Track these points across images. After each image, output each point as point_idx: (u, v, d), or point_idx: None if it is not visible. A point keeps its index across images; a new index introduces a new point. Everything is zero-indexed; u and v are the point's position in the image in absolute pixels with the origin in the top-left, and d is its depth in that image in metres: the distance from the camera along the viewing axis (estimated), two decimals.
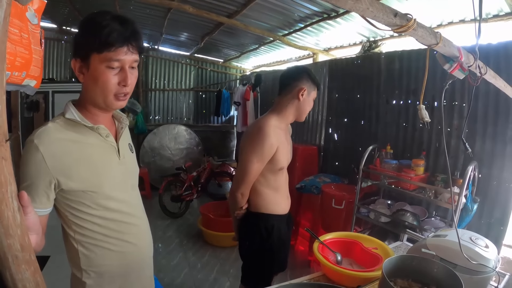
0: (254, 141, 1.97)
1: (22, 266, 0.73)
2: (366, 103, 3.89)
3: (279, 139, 1.99)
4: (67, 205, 1.17)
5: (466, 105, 2.80)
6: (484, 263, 1.35)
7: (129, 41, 1.12)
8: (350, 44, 4.55)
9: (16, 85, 1.07)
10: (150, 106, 7.33)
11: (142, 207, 1.45)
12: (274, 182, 2.10)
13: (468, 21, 3.02)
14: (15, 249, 0.71)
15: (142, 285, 1.44)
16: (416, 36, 1.16)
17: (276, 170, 2.05)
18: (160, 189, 5.45)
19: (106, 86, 1.13)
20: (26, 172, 1.07)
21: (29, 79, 1.11)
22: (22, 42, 1.00)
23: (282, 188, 2.17)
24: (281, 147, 1.99)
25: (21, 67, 1.02)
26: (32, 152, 1.07)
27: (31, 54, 1.08)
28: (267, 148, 1.94)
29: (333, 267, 1.53)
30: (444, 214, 3.02)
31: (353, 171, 3.53)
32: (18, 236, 0.71)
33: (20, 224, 0.71)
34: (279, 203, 2.16)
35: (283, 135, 2.06)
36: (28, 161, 1.07)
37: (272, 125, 1.99)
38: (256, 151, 1.95)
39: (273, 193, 2.12)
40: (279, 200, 2.15)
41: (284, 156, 2.05)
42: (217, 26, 4.91)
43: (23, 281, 0.74)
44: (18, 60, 0.99)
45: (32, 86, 1.16)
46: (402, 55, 3.44)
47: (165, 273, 3.66)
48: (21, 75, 1.04)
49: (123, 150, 1.33)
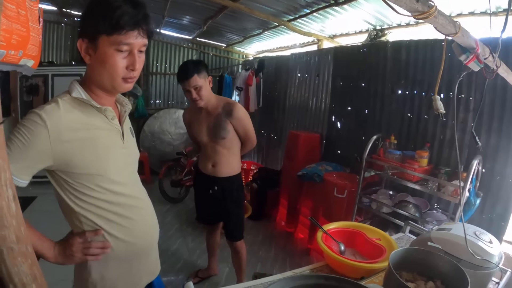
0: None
1: (18, 259, 0.70)
2: (371, 92, 3.85)
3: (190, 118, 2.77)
4: (70, 187, 1.15)
5: (479, 98, 2.74)
6: (488, 259, 1.34)
7: (140, 25, 1.10)
8: (356, 32, 4.47)
9: (13, 65, 1.03)
10: (151, 90, 7.26)
11: (145, 190, 1.44)
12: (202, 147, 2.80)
13: (478, 13, 2.97)
14: (10, 240, 0.67)
15: (149, 269, 1.44)
16: (436, 24, 1.13)
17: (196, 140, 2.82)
18: (160, 173, 5.44)
19: (114, 70, 1.11)
20: (24, 142, 1.03)
21: (26, 59, 1.07)
22: (19, 19, 0.96)
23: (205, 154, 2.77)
24: (192, 123, 2.75)
25: (18, 45, 0.97)
26: (38, 126, 1.04)
27: (29, 32, 1.03)
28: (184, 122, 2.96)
29: (338, 257, 1.52)
30: (446, 207, 3.01)
31: (356, 160, 3.51)
32: (14, 227, 0.67)
33: (15, 214, 0.68)
34: (202, 162, 2.83)
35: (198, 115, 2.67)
36: (29, 132, 1.03)
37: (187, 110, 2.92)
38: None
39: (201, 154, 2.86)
40: (202, 159, 2.83)
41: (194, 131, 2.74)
42: (221, 10, 4.82)
43: (19, 275, 0.71)
44: (14, 38, 0.94)
45: (29, 67, 1.12)
46: (409, 45, 3.38)
47: (165, 258, 3.65)
48: (18, 54, 0.99)
49: (126, 134, 1.32)
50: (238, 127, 2.62)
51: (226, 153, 2.69)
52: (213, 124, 2.59)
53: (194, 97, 2.46)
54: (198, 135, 2.69)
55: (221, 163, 2.70)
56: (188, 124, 2.81)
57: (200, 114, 2.64)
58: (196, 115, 2.67)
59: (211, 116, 2.60)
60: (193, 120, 2.72)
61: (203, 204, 3.00)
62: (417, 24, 3.57)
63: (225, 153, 2.68)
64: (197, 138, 2.72)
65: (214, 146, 2.66)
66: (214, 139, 2.63)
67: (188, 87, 2.45)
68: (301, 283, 1.07)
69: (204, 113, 2.62)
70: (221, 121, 2.57)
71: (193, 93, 2.46)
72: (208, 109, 2.60)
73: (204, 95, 2.48)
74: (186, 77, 2.42)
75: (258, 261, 3.73)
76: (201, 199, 2.98)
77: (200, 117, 2.64)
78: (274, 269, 3.58)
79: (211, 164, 2.73)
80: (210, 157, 2.72)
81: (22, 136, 1.02)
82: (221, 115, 2.57)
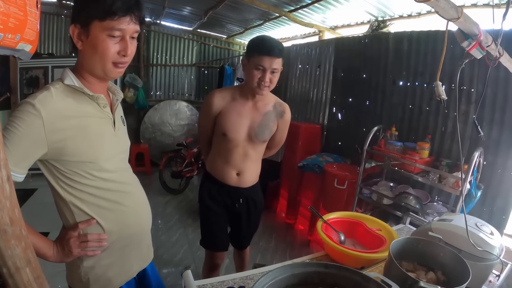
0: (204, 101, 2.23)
1: (11, 242, 0.69)
2: (372, 84, 3.83)
3: (224, 105, 2.11)
4: (61, 174, 1.15)
5: (481, 90, 2.73)
6: (489, 250, 1.33)
7: (132, 11, 1.10)
8: (358, 23, 4.45)
9: (10, 49, 1.01)
10: (151, 81, 7.21)
11: (136, 178, 1.44)
12: (220, 147, 2.19)
13: (481, 5, 2.94)
14: (4, 222, 0.66)
15: (140, 256, 1.44)
16: (437, 8, 1.11)
17: (220, 134, 2.13)
18: (161, 165, 5.43)
19: (105, 55, 1.11)
20: (18, 134, 1.02)
21: (24, 43, 1.05)
22: (17, 3, 0.94)
23: (229, 158, 2.17)
24: (227, 113, 2.10)
25: (15, 29, 0.96)
26: (32, 116, 1.03)
27: (26, 16, 1.01)
28: (206, 107, 2.14)
29: (337, 247, 1.52)
30: (447, 199, 3.00)
31: (357, 151, 3.50)
32: (7, 209, 0.67)
33: (9, 195, 0.67)
34: (219, 169, 2.22)
35: (239, 106, 2.12)
36: (24, 122, 1.02)
37: (224, 91, 2.19)
38: (201, 109, 2.26)
39: (217, 158, 2.22)
40: (220, 166, 2.22)
41: (229, 123, 2.09)
42: (221, 0, 4.77)
43: (13, 258, 0.70)
44: (11, 21, 0.93)
45: (27, 51, 1.10)
46: (411, 36, 3.36)
47: (165, 249, 3.67)
48: (15, 38, 0.98)
49: (118, 122, 1.32)
50: (280, 131, 2.27)
51: (256, 158, 2.26)
52: (260, 122, 2.13)
53: (266, 80, 1.96)
54: (232, 130, 2.10)
55: (248, 170, 2.24)
56: (214, 111, 2.12)
57: (243, 106, 2.11)
58: (236, 106, 2.11)
59: (259, 113, 2.14)
60: (229, 110, 2.11)
61: (220, 225, 2.35)
62: (419, 15, 3.54)
63: (255, 158, 2.25)
64: (229, 134, 2.10)
65: (248, 148, 2.17)
66: (253, 140, 2.15)
67: (267, 65, 1.93)
68: (301, 271, 1.06)
69: (251, 106, 2.13)
70: (269, 121, 2.17)
71: (267, 76, 1.96)
72: (256, 103, 2.14)
73: (274, 83, 2.04)
74: (274, 53, 1.93)
75: (258, 252, 3.74)
76: (218, 219, 2.33)
77: (244, 110, 2.11)
78: (274, 260, 3.58)
79: (235, 171, 2.21)
80: (235, 163, 2.19)
81: (16, 128, 1.02)
82: (271, 114, 2.18)
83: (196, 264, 3.45)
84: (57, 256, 1.19)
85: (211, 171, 2.28)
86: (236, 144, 2.13)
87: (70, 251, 1.19)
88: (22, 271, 0.73)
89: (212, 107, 2.10)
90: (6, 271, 0.70)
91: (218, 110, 2.11)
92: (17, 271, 0.72)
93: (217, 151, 2.23)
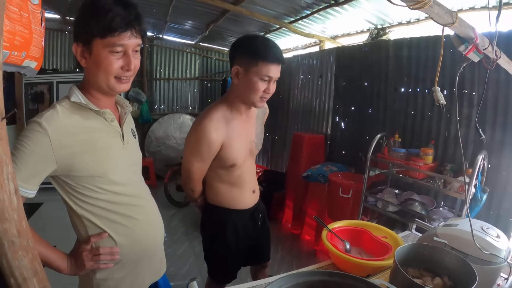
0: (191, 139, 1.76)
1: (19, 253, 0.70)
2: (374, 91, 3.83)
3: (225, 134, 1.73)
4: (72, 189, 1.17)
5: (480, 90, 2.73)
6: (496, 253, 1.32)
7: (132, 26, 1.12)
8: (358, 31, 4.47)
9: (16, 66, 1.04)
10: (155, 95, 7.27)
11: (148, 190, 1.45)
12: (229, 177, 1.88)
13: (478, 8, 2.95)
14: (12, 234, 0.68)
15: (153, 269, 1.45)
16: (432, 14, 1.12)
17: (227, 166, 1.82)
18: (166, 178, 5.44)
19: (109, 71, 1.12)
20: (27, 152, 1.04)
21: (29, 60, 1.08)
22: (22, 21, 0.97)
23: (242, 182, 1.92)
24: (230, 142, 1.75)
25: (21, 46, 0.99)
26: (39, 134, 1.05)
27: (31, 34, 1.04)
28: (205, 147, 1.70)
29: (343, 255, 1.51)
30: (452, 204, 2.99)
31: (361, 160, 3.49)
32: (15, 221, 0.68)
33: (16, 207, 0.68)
34: (237, 198, 1.94)
35: (237, 126, 1.79)
36: (31, 140, 1.05)
37: (215, 118, 1.72)
38: (193, 150, 1.75)
39: (229, 188, 1.91)
40: (236, 194, 1.93)
41: (236, 152, 1.79)
42: (222, 14, 4.84)
43: (20, 269, 0.71)
44: (17, 39, 0.96)
45: (32, 68, 1.13)
46: (411, 43, 3.37)
47: (171, 262, 3.65)
48: (21, 55, 1.01)
49: (127, 135, 1.33)
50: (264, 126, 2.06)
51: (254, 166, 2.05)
52: (256, 132, 1.96)
53: (272, 91, 1.71)
54: (241, 156, 1.83)
55: (256, 182, 2.06)
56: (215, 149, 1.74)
57: (239, 125, 1.82)
58: (234, 129, 1.78)
59: (252, 123, 1.93)
60: (231, 138, 1.76)
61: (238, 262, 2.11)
62: (418, 21, 3.56)
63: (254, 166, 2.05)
64: (239, 162, 1.83)
65: (251, 162, 1.98)
66: (253, 153, 1.96)
67: (273, 74, 1.67)
68: (305, 280, 1.06)
69: (245, 120, 1.87)
70: (261, 125, 2.01)
71: (272, 86, 1.71)
72: (248, 113, 1.88)
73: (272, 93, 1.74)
74: (281, 60, 1.70)
75: None
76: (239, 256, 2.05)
77: (241, 128, 1.83)
78: (280, 271, 3.55)
79: (251, 190, 2.00)
80: (249, 182, 1.98)
81: (24, 146, 1.04)
82: (259, 116, 1.99)
83: (202, 276, 3.43)
84: (70, 269, 1.21)
85: (228, 203, 1.94)
86: (243, 166, 1.89)
87: (83, 264, 1.20)
88: (29, 281, 0.74)
89: (213, 146, 1.72)
90: (13, 281, 0.71)
91: (220, 145, 1.74)
92: (24, 282, 0.73)
93: (225, 183, 1.91)
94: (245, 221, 2.01)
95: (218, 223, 1.96)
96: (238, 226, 1.97)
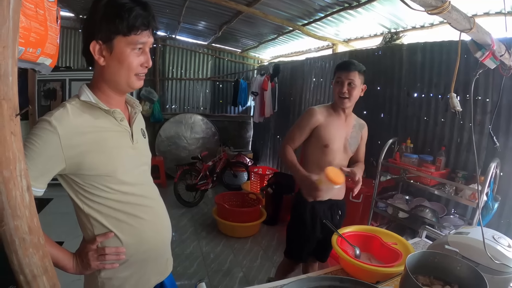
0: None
1: (29, 250, 0.71)
2: (387, 96, 3.82)
3: (323, 120, 2.26)
4: (80, 188, 1.18)
5: (496, 100, 2.69)
6: (506, 263, 1.31)
7: (151, 25, 1.18)
8: (371, 35, 4.45)
9: (31, 62, 1.05)
10: (167, 95, 7.34)
11: (157, 190, 1.45)
12: (318, 160, 2.30)
13: (493, 14, 2.92)
14: (23, 231, 0.68)
15: (159, 269, 1.45)
16: (450, 19, 1.12)
17: (320, 146, 2.28)
18: (175, 177, 5.48)
19: (131, 68, 1.17)
20: (36, 150, 1.06)
21: (44, 57, 1.10)
22: (38, 18, 0.99)
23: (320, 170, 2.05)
24: (327, 127, 2.26)
25: (36, 43, 1.00)
26: (49, 133, 1.07)
27: (47, 31, 1.05)
28: (305, 120, 2.29)
29: (352, 261, 1.51)
30: (463, 212, 2.95)
31: (372, 164, 3.47)
32: (26, 218, 0.68)
33: (28, 204, 0.69)
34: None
35: (335, 120, 2.30)
36: (41, 139, 1.06)
37: (318, 109, 2.30)
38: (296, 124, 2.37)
39: (316, 171, 2.13)
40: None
41: (330, 135, 2.26)
42: (236, 15, 4.86)
43: (30, 266, 0.72)
44: (32, 36, 0.97)
45: (47, 65, 1.14)
46: (425, 47, 3.35)
47: (178, 261, 3.68)
48: (36, 52, 1.02)
49: (136, 135, 1.34)
50: (363, 141, 2.49)
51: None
52: (351, 134, 2.37)
53: (344, 91, 2.20)
54: (333, 141, 2.28)
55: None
56: (313, 124, 2.28)
57: (338, 121, 2.33)
58: (333, 120, 2.30)
59: (349, 126, 2.37)
60: (328, 124, 2.28)
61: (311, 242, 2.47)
62: (431, 26, 3.53)
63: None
64: (331, 144, 2.27)
65: (343, 160, 2.36)
66: (347, 151, 2.36)
67: (344, 78, 2.22)
68: (315, 285, 1.06)
69: (343, 120, 2.34)
70: (357, 133, 2.40)
71: (345, 87, 2.21)
72: (346, 118, 2.35)
73: (354, 96, 2.24)
74: (348, 68, 2.25)
75: (273, 265, 3.71)
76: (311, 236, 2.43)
77: (339, 123, 2.33)
78: None
79: None
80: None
81: (33, 144, 1.05)
82: (356, 126, 2.41)
83: (209, 276, 3.46)
84: (76, 268, 1.21)
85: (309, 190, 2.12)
86: (335, 156, 2.30)
87: (89, 264, 1.21)
88: (39, 279, 0.74)
89: (312, 121, 2.27)
90: (23, 278, 0.72)
91: (317, 124, 2.27)
92: (34, 279, 0.73)
93: (316, 165, 2.29)
94: (323, 209, 2.38)
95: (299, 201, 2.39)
96: (316, 207, 2.36)
